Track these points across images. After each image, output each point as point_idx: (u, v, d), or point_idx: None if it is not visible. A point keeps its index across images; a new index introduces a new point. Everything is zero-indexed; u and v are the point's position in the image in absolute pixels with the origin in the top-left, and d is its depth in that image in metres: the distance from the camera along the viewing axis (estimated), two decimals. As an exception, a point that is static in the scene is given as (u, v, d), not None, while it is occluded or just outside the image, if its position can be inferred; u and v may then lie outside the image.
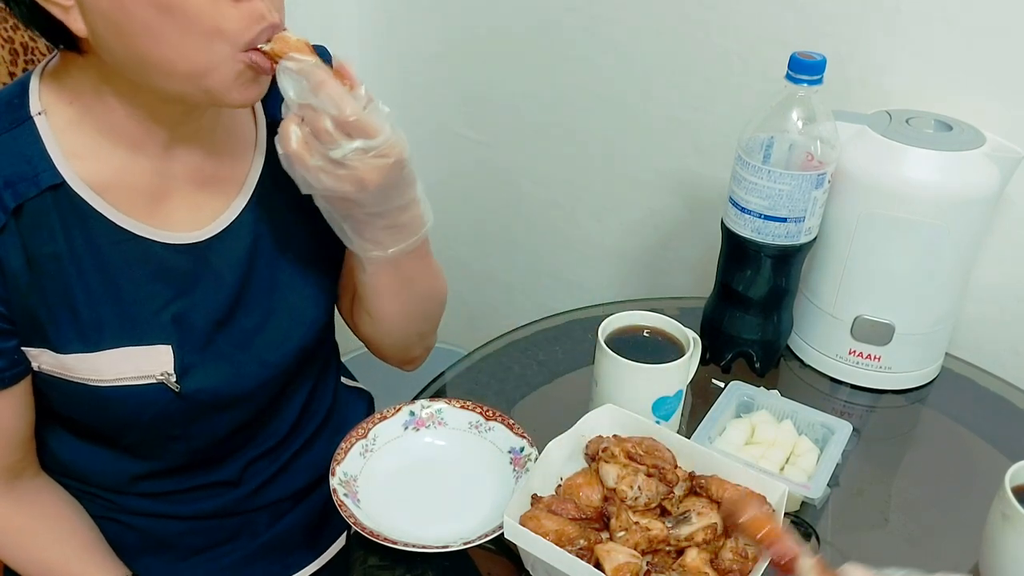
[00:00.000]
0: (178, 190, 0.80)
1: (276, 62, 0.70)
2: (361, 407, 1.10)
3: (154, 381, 0.80)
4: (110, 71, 0.72)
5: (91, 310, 0.77)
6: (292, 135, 0.70)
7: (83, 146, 0.75)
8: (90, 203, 0.76)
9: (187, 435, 0.86)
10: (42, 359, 0.78)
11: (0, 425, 0.80)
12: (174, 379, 0.80)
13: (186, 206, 0.81)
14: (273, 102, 0.85)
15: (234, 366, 0.84)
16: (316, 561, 1.01)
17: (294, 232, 0.87)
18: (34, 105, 0.75)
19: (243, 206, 0.84)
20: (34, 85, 0.76)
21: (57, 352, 0.77)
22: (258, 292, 0.85)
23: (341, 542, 1.03)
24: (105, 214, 0.76)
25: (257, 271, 0.85)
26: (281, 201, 0.86)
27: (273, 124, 0.85)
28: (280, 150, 0.72)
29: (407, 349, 0.97)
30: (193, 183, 0.81)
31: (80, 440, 0.87)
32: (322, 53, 0.91)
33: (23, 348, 0.78)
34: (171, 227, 0.80)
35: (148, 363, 0.79)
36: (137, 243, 0.78)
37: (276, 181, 0.85)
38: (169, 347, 0.80)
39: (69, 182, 0.75)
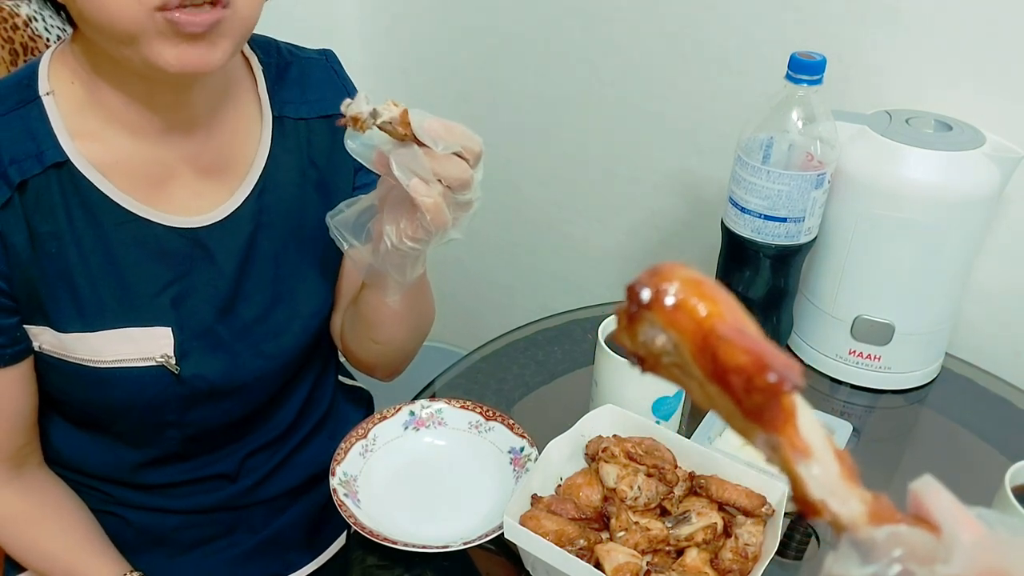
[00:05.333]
0: (179, 176, 0.81)
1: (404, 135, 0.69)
2: (360, 406, 1.11)
3: (154, 363, 0.80)
4: (98, 49, 0.72)
5: (91, 289, 0.78)
6: (443, 206, 0.70)
7: (88, 127, 0.76)
8: (93, 182, 0.76)
9: (182, 422, 0.86)
10: (43, 338, 0.79)
11: (2, 406, 0.81)
12: (174, 361, 0.81)
13: (187, 191, 0.81)
14: (281, 99, 0.86)
15: (232, 355, 0.85)
16: (315, 560, 1.01)
17: (297, 227, 0.87)
18: (43, 85, 0.76)
19: (244, 197, 0.84)
20: (43, 67, 0.77)
21: (57, 331, 0.78)
22: (258, 283, 0.86)
23: (341, 541, 1.03)
24: (107, 194, 0.77)
25: (257, 262, 0.85)
26: (285, 195, 0.86)
27: (280, 120, 0.85)
28: (438, 228, 0.71)
29: (401, 363, 0.98)
30: (193, 170, 0.81)
31: (74, 427, 0.87)
32: (330, 57, 0.92)
33: (25, 326, 0.78)
34: (172, 211, 0.81)
35: (148, 345, 0.80)
36: (138, 224, 0.79)
37: (280, 175, 0.86)
38: (168, 329, 0.81)
39: (73, 161, 0.75)
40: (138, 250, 0.79)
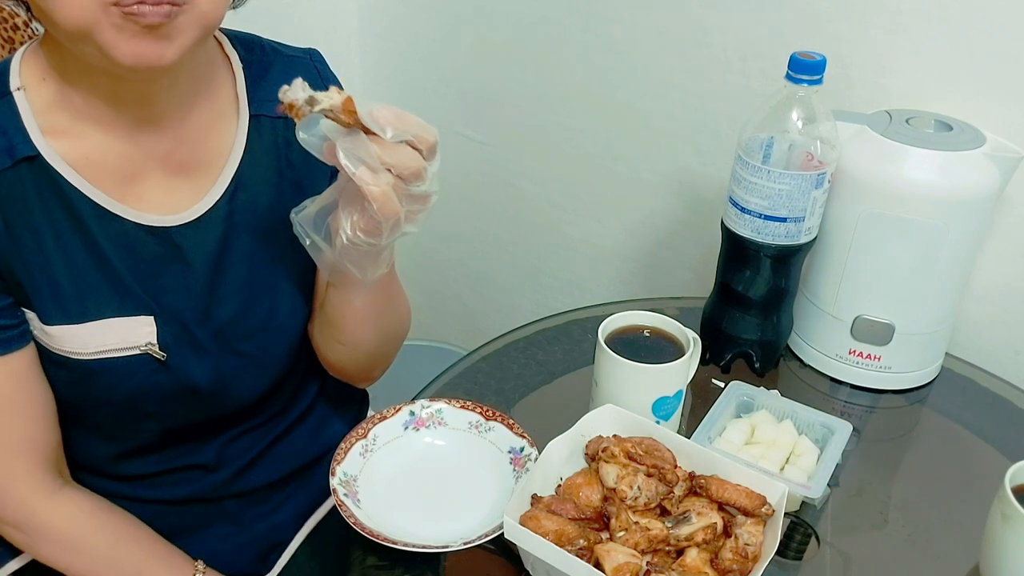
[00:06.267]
0: (150, 173, 0.80)
1: (349, 121, 0.67)
2: (351, 402, 1.09)
3: (138, 352, 0.81)
4: (63, 47, 0.72)
5: (72, 282, 0.78)
6: (391, 196, 0.68)
7: (59, 123, 0.76)
8: (66, 177, 0.76)
9: (161, 413, 0.86)
10: (34, 324, 0.79)
11: (32, 392, 0.81)
12: (158, 348, 0.81)
13: (159, 190, 0.81)
14: (260, 97, 0.86)
15: (210, 356, 0.85)
16: (290, 552, 1.01)
17: (273, 227, 0.86)
18: (13, 81, 0.76)
19: (218, 197, 0.83)
20: (15, 63, 0.77)
21: (42, 322, 0.78)
22: (232, 284, 0.85)
23: (317, 517, 1.03)
24: (80, 189, 0.77)
25: (231, 263, 0.85)
26: (260, 195, 0.85)
27: (257, 119, 0.85)
28: (386, 219, 0.69)
29: (372, 369, 0.98)
30: (164, 168, 0.81)
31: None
32: (314, 56, 0.91)
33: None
34: (143, 208, 0.80)
35: (131, 334, 0.80)
36: (110, 219, 0.79)
37: (255, 175, 0.85)
38: (151, 318, 0.81)
39: (45, 156, 0.75)
40: (113, 245, 0.79)
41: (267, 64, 0.87)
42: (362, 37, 1.64)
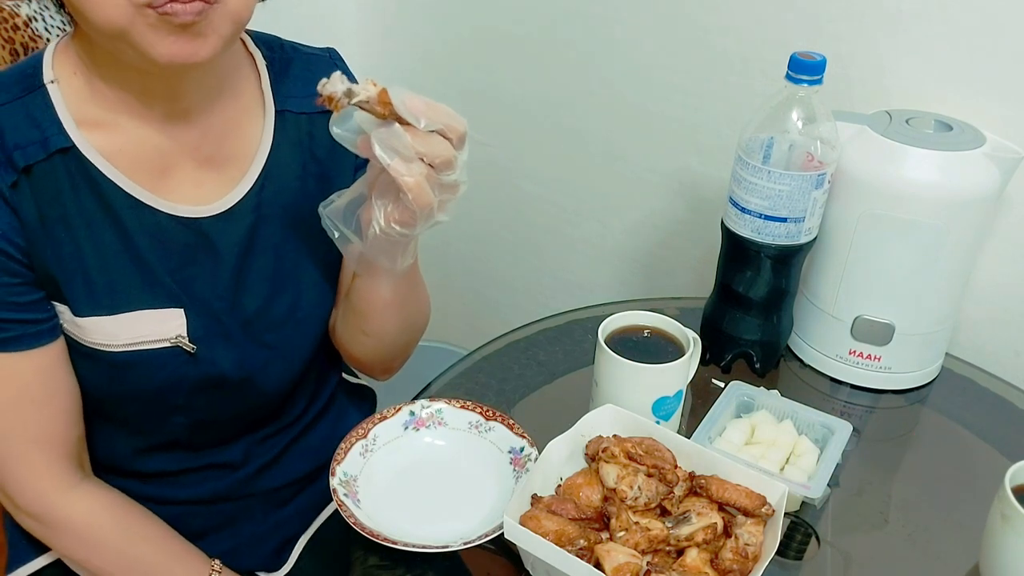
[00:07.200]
0: (180, 166, 0.82)
1: (384, 112, 0.68)
2: (364, 401, 1.11)
3: (168, 344, 0.81)
4: (95, 43, 0.73)
5: (104, 273, 0.79)
6: (425, 185, 0.70)
7: (93, 115, 0.77)
8: (100, 169, 0.77)
9: (188, 407, 0.86)
10: (65, 316, 0.80)
11: (58, 387, 0.81)
12: (187, 340, 0.82)
13: (189, 182, 0.82)
14: (284, 93, 0.87)
15: (238, 346, 0.86)
16: (299, 543, 1.01)
17: (298, 220, 0.87)
18: (47, 74, 0.77)
19: (247, 191, 0.85)
20: (48, 56, 0.78)
21: (73, 314, 0.79)
22: (259, 275, 0.86)
23: (328, 512, 1.03)
24: (114, 180, 0.78)
25: (257, 254, 0.86)
26: (286, 189, 0.87)
27: (282, 114, 0.86)
28: (420, 208, 0.70)
29: (394, 360, 0.98)
30: (193, 161, 0.82)
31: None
32: (333, 54, 0.92)
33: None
34: (175, 200, 0.81)
35: (161, 326, 0.81)
36: (144, 210, 0.80)
37: (281, 168, 0.86)
38: (181, 310, 0.82)
39: (80, 147, 0.76)
40: (145, 236, 0.80)
41: (288, 61, 0.89)
42: (362, 37, 1.64)
